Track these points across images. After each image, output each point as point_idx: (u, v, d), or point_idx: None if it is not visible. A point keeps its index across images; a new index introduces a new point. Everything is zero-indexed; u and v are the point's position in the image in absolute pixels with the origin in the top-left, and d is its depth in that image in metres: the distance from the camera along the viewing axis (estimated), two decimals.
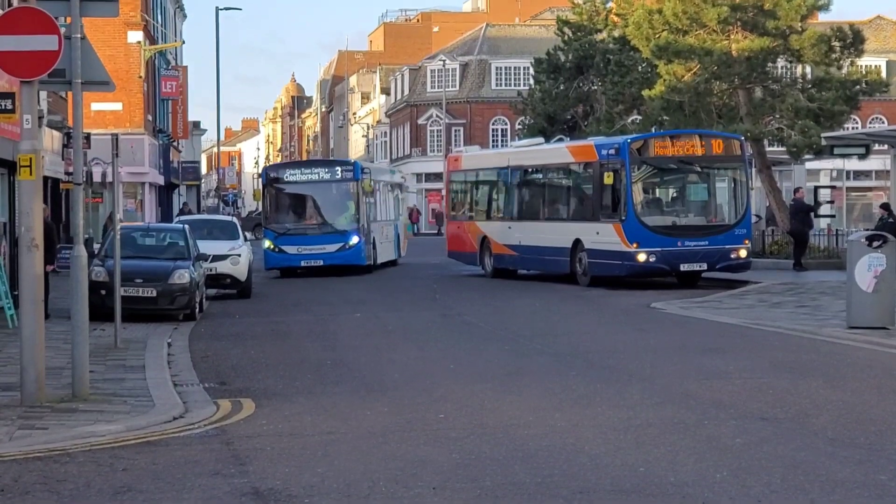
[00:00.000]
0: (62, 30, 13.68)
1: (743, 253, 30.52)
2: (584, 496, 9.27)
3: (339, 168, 40.41)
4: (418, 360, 18.16)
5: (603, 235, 30.45)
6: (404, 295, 30.97)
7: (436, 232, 75.90)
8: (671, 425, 12.19)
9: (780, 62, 42.25)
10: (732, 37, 40.32)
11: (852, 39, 40.70)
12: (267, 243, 38.14)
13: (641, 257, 29.66)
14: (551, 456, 10.69)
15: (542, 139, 43.03)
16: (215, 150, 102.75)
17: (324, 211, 39.36)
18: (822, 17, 46.93)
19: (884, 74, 56.18)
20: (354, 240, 37.87)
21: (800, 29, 40.51)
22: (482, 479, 9.82)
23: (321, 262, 37.47)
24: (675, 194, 32.66)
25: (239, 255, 30.31)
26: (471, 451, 10.95)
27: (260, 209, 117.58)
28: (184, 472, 10.29)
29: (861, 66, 46.61)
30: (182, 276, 24.06)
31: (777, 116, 40.79)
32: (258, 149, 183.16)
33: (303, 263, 37.74)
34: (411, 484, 9.68)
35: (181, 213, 53.07)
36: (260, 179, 38.12)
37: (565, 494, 9.30)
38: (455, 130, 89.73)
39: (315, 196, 39.62)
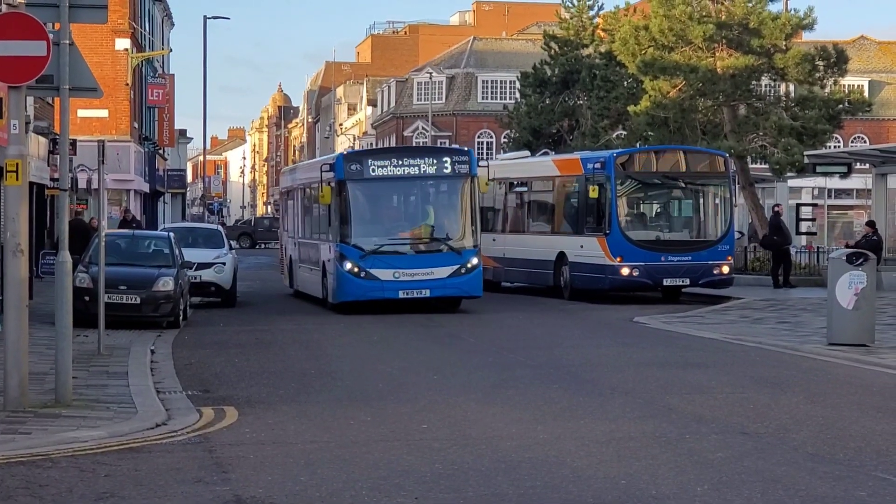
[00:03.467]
0: (50, 36, 13.65)
1: (726, 269, 30.61)
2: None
3: (447, 158, 28.46)
4: (401, 370, 18.14)
5: (587, 249, 30.51)
6: (387, 305, 30.91)
7: None
8: (652, 439, 12.19)
9: (765, 80, 42.49)
10: (717, 54, 40.55)
11: (836, 59, 41.02)
12: (348, 265, 27.20)
13: (625, 271, 29.72)
14: (533, 468, 10.68)
15: (527, 153, 43.04)
16: (201, 158, 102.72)
17: (430, 219, 28.75)
18: (806, 36, 47.13)
19: (866, 94, 56.40)
20: (474, 261, 27.63)
21: (784, 48, 40.78)
22: (465, 490, 9.81)
23: (427, 293, 27.45)
24: (659, 209, 32.74)
25: (224, 264, 30.32)
26: (453, 462, 10.94)
27: (246, 218, 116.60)
28: (166, 479, 10.26)
29: (844, 85, 46.93)
30: (166, 284, 24.01)
31: (761, 134, 40.98)
32: (244, 158, 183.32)
33: (402, 294, 27.34)
34: (394, 493, 9.66)
35: (123, 222, 40.71)
36: (332, 173, 28.14)
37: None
38: (441, 143, 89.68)
39: (417, 197, 28.98)
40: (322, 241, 29.61)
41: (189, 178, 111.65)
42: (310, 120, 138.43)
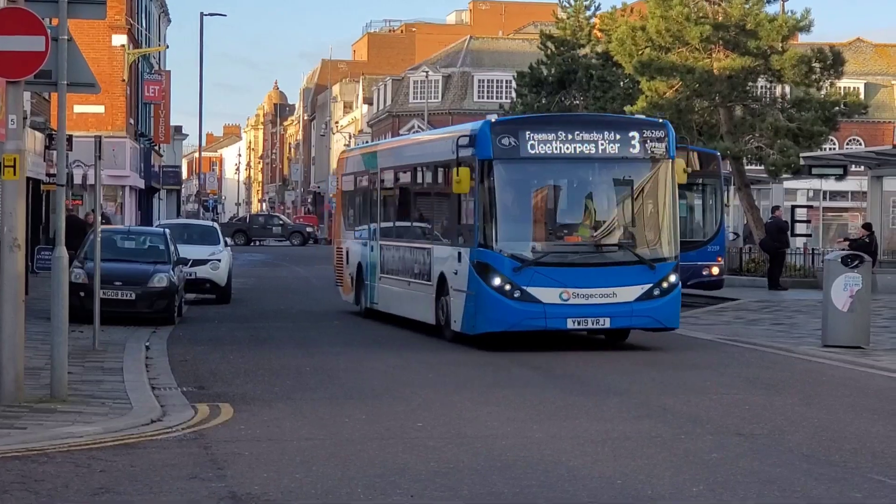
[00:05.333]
0: (49, 31, 13.62)
1: (715, 270, 30.52)
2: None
3: (636, 133, 20.00)
4: (397, 368, 18.14)
5: None
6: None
7: None
8: (648, 439, 12.21)
9: (761, 82, 42.47)
10: (714, 55, 40.52)
11: (832, 61, 41.08)
12: (496, 280, 19.24)
13: None
14: (529, 467, 10.68)
15: None
16: (196, 155, 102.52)
17: (612, 217, 20.38)
18: (802, 38, 47.04)
19: (862, 96, 56.54)
20: (672, 279, 19.74)
21: (781, 49, 40.79)
22: (460, 489, 9.81)
23: (607, 323, 19.58)
24: None
25: (219, 261, 30.24)
26: (448, 461, 10.94)
27: (241, 215, 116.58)
28: (161, 475, 10.23)
29: (840, 87, 46.88)
30: (161, 280, 23.97)
31: (756, 135, 40.93)
32: (239, 155, 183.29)
33: (571, 325, 19.52)
34: (389, 491, 9.66)
35: (107, 219, 35.27)
36: (471, 149, 19.89)
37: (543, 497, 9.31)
38: None
39: (593, 186, 20.63)
40: (440, 243, 21.70)
41: (184, 175, 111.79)
42: (305, 117, 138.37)
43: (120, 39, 51.80)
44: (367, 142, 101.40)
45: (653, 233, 20.14)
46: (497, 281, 19.10)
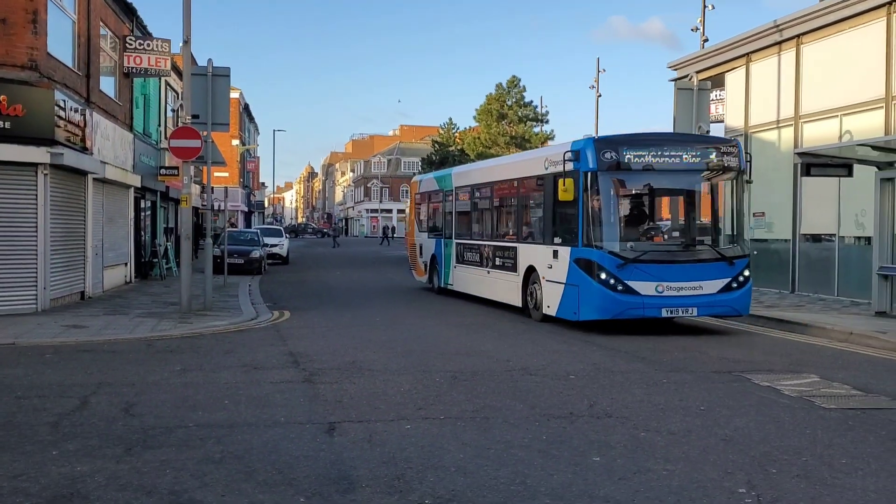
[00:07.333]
0: (202, 136, 13.37)
1: None
2: (443, 354, 9.30)
3: (714, 149, 11.07)
4: (367, 296, 17.89)
5: None
6: (360, 264, 30.56)
7: None
8: (481, 326, 12.19)
9: None
10: (511, 150, 40.94)
11: None
12: (602, 275, 10.67)
13: None
14: (429, 338, 10.68)
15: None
16: (272, 195, 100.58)
17: (696, 221, 11.57)
18: (551, 143, 47.65)
19: None
20: (746, 273, 11.04)
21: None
22: (397, 347, 9.81)
23: (694, 312, 10.70)
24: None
25: (283, 245, 30.11)
26: (391, 335, 10.87)
27: (293, 224, 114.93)
28: (257, 343, 10.12)
29: None
30: (256, 253, 23.68)
31: None
32: (293, 196, 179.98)
33: (665, 313, 10.60)
34: (363, 348, 9.64)
35: (232, 225, 34.94)
36: (575, 163, 10.26)
37: (434, 353, 9.34)
38: (384, 190, 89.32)
39: (679, 194, 11.71)
40: (527, 242, 13.05)
41: (266, 205, 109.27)
42: (322, 178, 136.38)
43: (235, 141, 50.64)
44: (352, 190, 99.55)
45: (730, 233, 11.67)
46: (603, 276, 10.81)
